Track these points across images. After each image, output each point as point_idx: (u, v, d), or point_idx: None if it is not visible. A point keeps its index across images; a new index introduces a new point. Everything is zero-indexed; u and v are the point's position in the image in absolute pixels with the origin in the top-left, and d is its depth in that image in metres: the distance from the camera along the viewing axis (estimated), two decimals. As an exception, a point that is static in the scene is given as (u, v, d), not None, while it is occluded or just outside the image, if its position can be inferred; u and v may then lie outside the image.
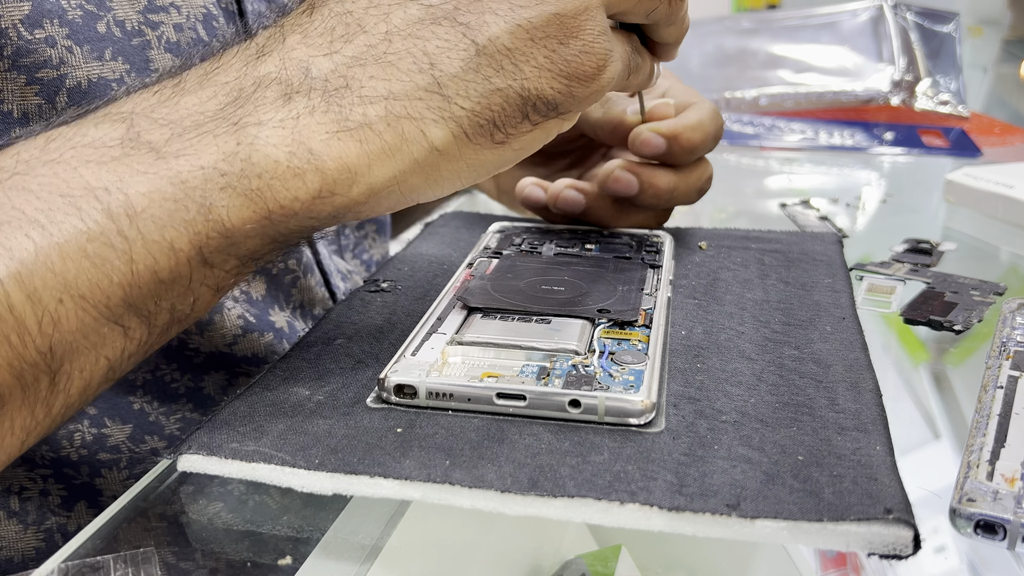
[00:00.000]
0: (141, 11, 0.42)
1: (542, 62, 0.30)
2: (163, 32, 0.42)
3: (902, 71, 0.88)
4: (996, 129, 0.85)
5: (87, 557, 0.26)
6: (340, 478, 0.27)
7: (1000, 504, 0.26)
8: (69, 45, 0.39)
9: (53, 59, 0.38)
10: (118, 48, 0.41)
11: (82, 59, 0.39)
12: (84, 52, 0.39)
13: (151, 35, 0.42)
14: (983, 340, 0.39)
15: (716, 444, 0.28)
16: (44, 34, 0.38)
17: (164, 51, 0.42)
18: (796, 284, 0.41)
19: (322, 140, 0.28)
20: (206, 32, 0.45)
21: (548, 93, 0.30)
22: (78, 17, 0.39)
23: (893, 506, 0.24)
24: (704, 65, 0.92)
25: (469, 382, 0.30)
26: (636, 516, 0.25)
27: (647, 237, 0.46)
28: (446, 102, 0.29)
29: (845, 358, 0.34)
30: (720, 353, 0.34)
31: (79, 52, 0.39)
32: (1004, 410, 0.31)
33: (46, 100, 0.38)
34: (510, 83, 0.29)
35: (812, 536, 0.24)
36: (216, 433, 0.29)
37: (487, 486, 0.26)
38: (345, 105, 0.28)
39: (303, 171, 0.28)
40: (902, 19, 0.92)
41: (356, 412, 0.30)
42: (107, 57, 0.40)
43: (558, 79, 0.30)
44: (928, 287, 0.46)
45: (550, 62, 0.30)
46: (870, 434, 0.28)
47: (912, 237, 0.54)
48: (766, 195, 0.70)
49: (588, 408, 0.29)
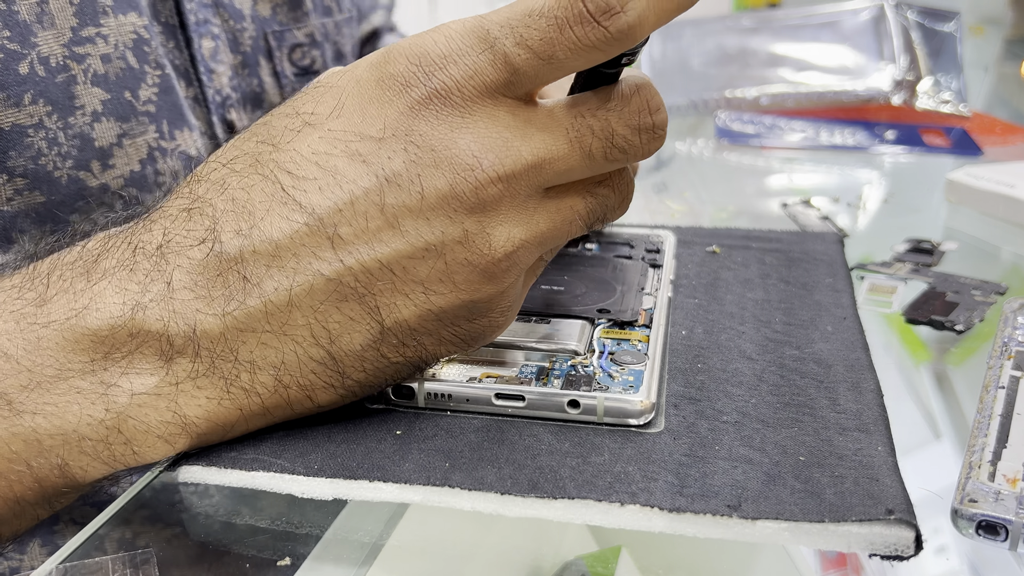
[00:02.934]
0: (66, 44, 0.40)
1: (444, 336, 0.28)
2: (89, 65, 0.41)
3: (903, 70, 0.88)
4: (998, 128, 0.85)
5: (86, 558, 0.25)
6: (340, 483, 0.27)
7: (1002, 505, 0.26)
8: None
9: None
10: (39, 89, 0.39)
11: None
12: (0, 99, 0.38)
13: (76, 69, 0.40)
14: (985, 340, 0.39)
15: (717, 444, 0.28)
16: None
17: (91, 85, 0.41)
18: (797, 284, 0.41)
19: (200, 406, 0.27)
20: (136, 59, 0.43)
21: (443, 354, 0.29)
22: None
23: (895, 507, 0.24)
24: (704, 64, 0.91)
25: (468, 383, 0.30)
26: (637, 517, 0.25)
27: (648, 237, 0.46)
28: (339, 375, 0.28)
29: (846, 358, 0.34)
30: (721, 353, 0.34)
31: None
32: (1006, 410, 0.31)
33: None
34: (408, 357, 0.28)
35: (813, 537, 0.24)
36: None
37: (487, 488, 0.26)
38: (230, 373, 0.27)
39: (175, 437, 0.27)
40: (903, 18, 0.91)
41: (355, 415, 0.30)
42: (25, 102, 0.38)
43: (457, 346, 0.29)
44: (929, 287, 0.46)
45: (452, 335, 0.28)
46: (871, 434, 0.28)
47: (913, 237, 0.54)
48: (767, 194, 0.70)
49: (587, 409, 0.29)
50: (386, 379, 0.29)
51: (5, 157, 0.39)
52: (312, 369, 0.27)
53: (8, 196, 0.39)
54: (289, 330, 0.27)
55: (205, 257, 0.27)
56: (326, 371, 0.28)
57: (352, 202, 0.26)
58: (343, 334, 0.27)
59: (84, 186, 0.42)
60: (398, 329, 0.27)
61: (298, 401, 0.28)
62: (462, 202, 0.26)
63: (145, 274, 0.27)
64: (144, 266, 0.27)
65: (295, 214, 0.26)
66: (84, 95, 0.41)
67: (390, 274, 0.26)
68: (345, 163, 0.26)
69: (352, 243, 0.26)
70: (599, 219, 0.29)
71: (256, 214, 0.26)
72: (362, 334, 0.27)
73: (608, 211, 0.29)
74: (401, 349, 0.28)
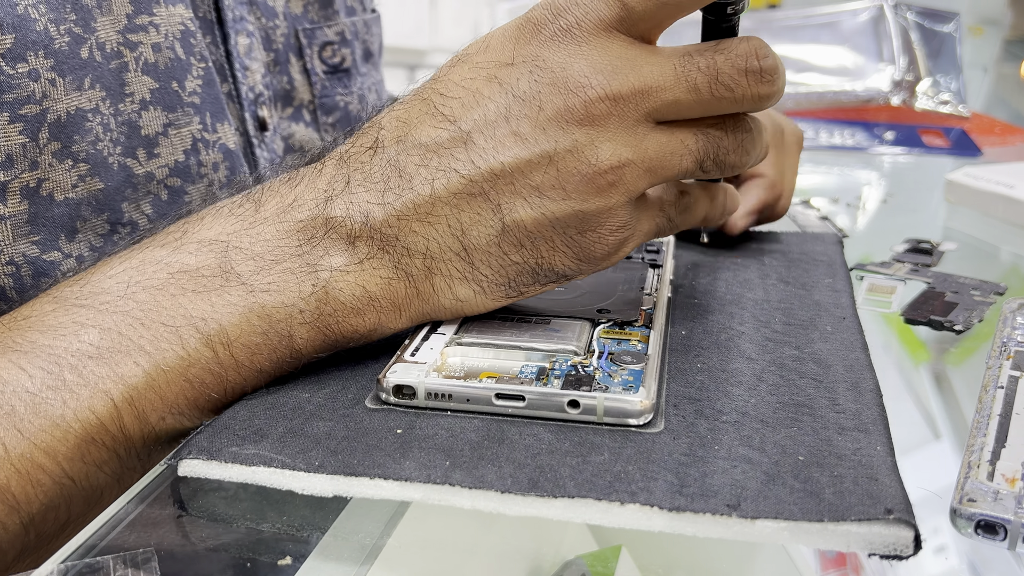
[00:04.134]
0: (121, 31, 0.41)
1: (558, 245, 0.32)
2: (141, 53, 0.42)
3: (902, 71, 0.88)
4: (996, 129, 0.85)
5: (87, 557, 0.25)
6: (340, 480, 0.27)
7: (1001, 504, 0.26)
8: (52, 77, 0.38)
9: (36, 93, 0.38)
10: (96, 75, 0.40)
11: (63, 91, 0.39)
12: (66, 83, 0.39)
13: (129, 56, 0.42)
14: (984, 340, 0.39)
15: (716, 444, 0.28)
16: (27, 67, 0.37)
17: (141, 73, 0.42)
18: (797, 284, 0.41)
19: (377, 284, 0.32)
20: (184, 51, 0.44)
21: (559, 268, 0.33)
22: (64, 45, 0.39)
23: (894, 506, 0.24)
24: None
25: (468, 382, 0.30)
26: (636, 516, 0.25)
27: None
28: (471, 267, 0.32)
29: (846, 358, 0.34)
30: (720, 353, 0.34)
31: (61, 84, 0.39)
32: (1005, 410, 0.31)
33: (30, 138, 0.38)
34: (527, 258, 0.32)
35: (812, 536, 0.24)
36: (216, 437, 0.29)
37: (487, 487, 0.26)
38: (394, 255, 0.32)
39: (363, 310, 0.32)
40: (902, 19, 0.92)
41: (356, 413, 0.30)
42: (85, 86, 0.40)
43: (570, 259, 0.32)
44: (929, 287, 0.46)
45: (566, 245, 0.32)
46: (871, 434, 0.28)
47: (912, 237, 0.54)
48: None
49: (587, 408, 0.29)
50: (509, 280, 0.33)
51: (70, 142, 0.40)
52: (450, 259, 0.32)
53: (73, 183, 0.40)
54: (432, 220, 0.32)
55: (372, 159, 0.33)
56: (461, 262, 0.32)
57: (485, 115, 0.31)
58: (472, 227, 0.32)
59: (132, 173, 0.42)
60: (516, 228, 0.31)
61: (441, 291, 0.33)
62: (573, 115, 0.30)
63: (331, 177, 0.33)
64: (330, 171, 0.33)
65: (441, 124, 0.32)
66: (134, 83, 0.42)
67: (510, 177, 0.31)
68: (483, 84, 0.32)
69: (482, 148, 0.31)
70: (712, 160, 0.32)
71: (411, 124, 0.32)
72: (486, 228, 0.32)
73: (722, 153, 0.32)
74: (520, 250, 0.32)
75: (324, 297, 0.32)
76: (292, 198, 0.33)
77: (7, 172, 0.38)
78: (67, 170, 0.40)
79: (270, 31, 0.53)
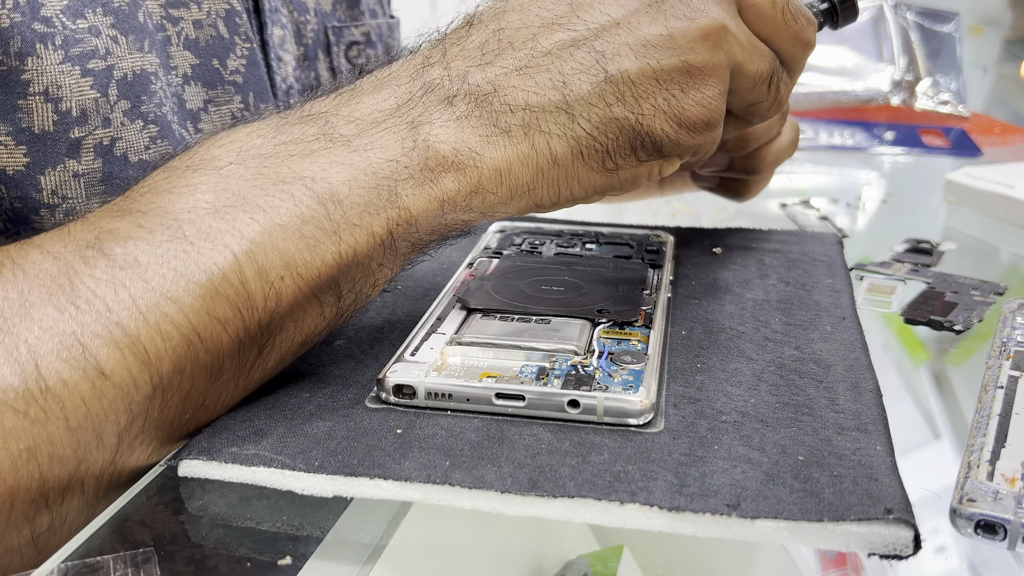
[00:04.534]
0: (163, 4, 0.42)
1: (660, 103, 0.32)
2: (183, 28, 0.43)
3: (902, 71, 0.88)
4: (996, 129, 0.85)
5: (87, 557, 0.25)
6: (340, 480, 0.27)
7: (1000, 504, 0.26)
8: (114, 35, 0.39)
9: (100, 49, 0.38)
10: (152, 41, 0.41)
11: (127, 49, 0.39)
12: (129, 42, 0.39)
13: (171, 31, 0.42)
14: (983, 340, 0.39)
15: (716, 444, 0.28)
16: (87, 23, 0.38)
17: (183, 48, 0.43)
18: (796, 284, 0.41)
19: (478, 140, 0.32)
20: (227, 29, 0.45)
21: (657, 133, 0.33)
22: (124, 4, 0.39)
23: (893, 506, 0.24)
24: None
25: (468, 382, 0.30)
26: (636, 516, 0.25)
27: (647, 237, 0.46)
28: (571, 120, 0.32)
29: (845, 358, 0.34)
30: (720, 353, 0.34)
31: (124, 42, 0.39)
32: (1004, 410, 0.31)
33: (100, 93, 0.38)
34: (627, 115, 0.32)
35: (812, 536, 0.24)
36: (215, 437, 0.29)
37: (487, 487, 0.26)
38: (493, 111, 0.32)
39: (464, 166, 0.32)
40: (902, 19, 0.92)
41: (356, 413, 0.30)
42: (146, 48, 0.40)
43: (669, 123, 0.33)
44: (928, 287, 0.46)
45: (667, 105, 0.32)
46: (870, 434, 0.28)
47: (912, 237, 0.54)
48: (766, 195, 0.70)
49: (587, 408, 0.29)
50: (608, 144, 0.32)
51: (139, 102, 0.40)
52: (550, 111, 0.32)
53: (145, 144, 0.41)
54: (533, 72, 0.32)
55: (469, 32, 0.34)
56: (561, 114, 0.32)
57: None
58: (574, 76, 0.32)
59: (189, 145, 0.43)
60: (619, 78, 0.32)
61: (540, 149, 0.32)
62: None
63: (429, 50, 0.34)
64: (425, 50, 0.34)
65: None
66: (177, 56, 0.43)
67: (616, 27, 0.32)
68: None
69: (589, 5, 0.33)
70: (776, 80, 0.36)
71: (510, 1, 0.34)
72: (589, 77, 0.32)
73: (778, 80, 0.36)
74: (622, 103, 0.32)
75: (426, 151, 0.31)
76: (387, 73, 0.34)
77: (81, 127, 0.38)
78: (139, 131, 0.40)
79: (301, 25, 0.54)
